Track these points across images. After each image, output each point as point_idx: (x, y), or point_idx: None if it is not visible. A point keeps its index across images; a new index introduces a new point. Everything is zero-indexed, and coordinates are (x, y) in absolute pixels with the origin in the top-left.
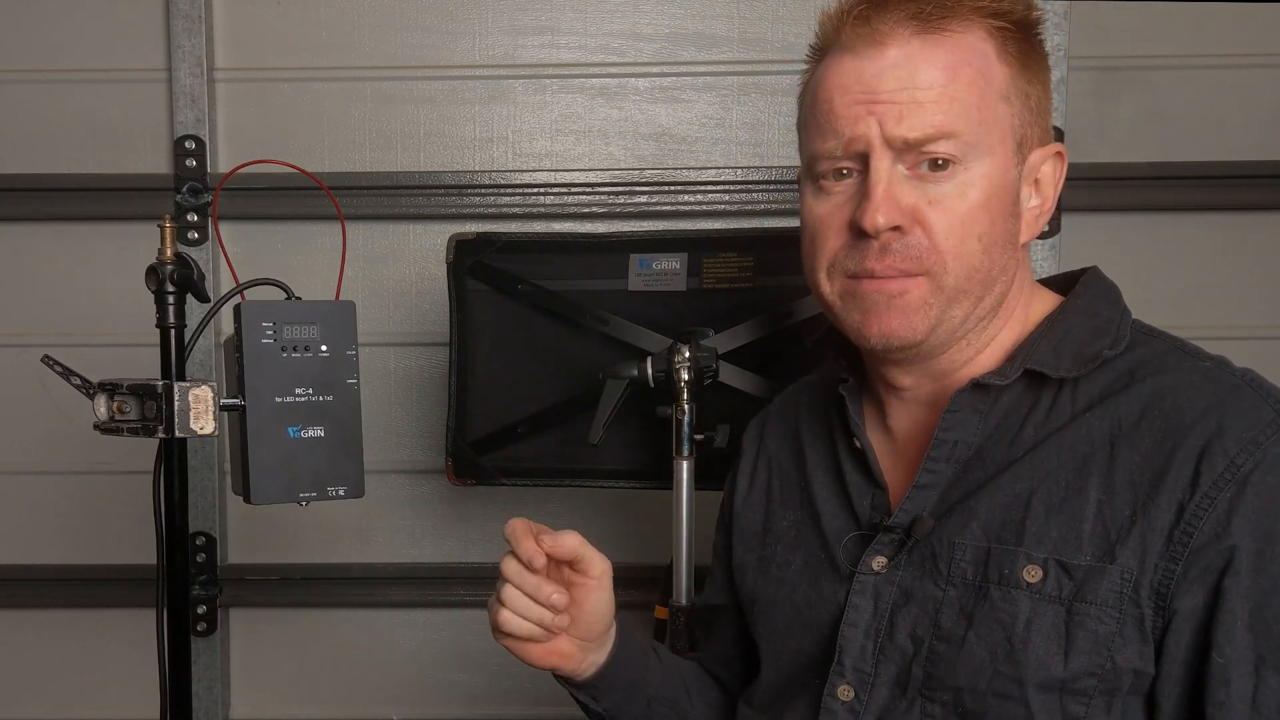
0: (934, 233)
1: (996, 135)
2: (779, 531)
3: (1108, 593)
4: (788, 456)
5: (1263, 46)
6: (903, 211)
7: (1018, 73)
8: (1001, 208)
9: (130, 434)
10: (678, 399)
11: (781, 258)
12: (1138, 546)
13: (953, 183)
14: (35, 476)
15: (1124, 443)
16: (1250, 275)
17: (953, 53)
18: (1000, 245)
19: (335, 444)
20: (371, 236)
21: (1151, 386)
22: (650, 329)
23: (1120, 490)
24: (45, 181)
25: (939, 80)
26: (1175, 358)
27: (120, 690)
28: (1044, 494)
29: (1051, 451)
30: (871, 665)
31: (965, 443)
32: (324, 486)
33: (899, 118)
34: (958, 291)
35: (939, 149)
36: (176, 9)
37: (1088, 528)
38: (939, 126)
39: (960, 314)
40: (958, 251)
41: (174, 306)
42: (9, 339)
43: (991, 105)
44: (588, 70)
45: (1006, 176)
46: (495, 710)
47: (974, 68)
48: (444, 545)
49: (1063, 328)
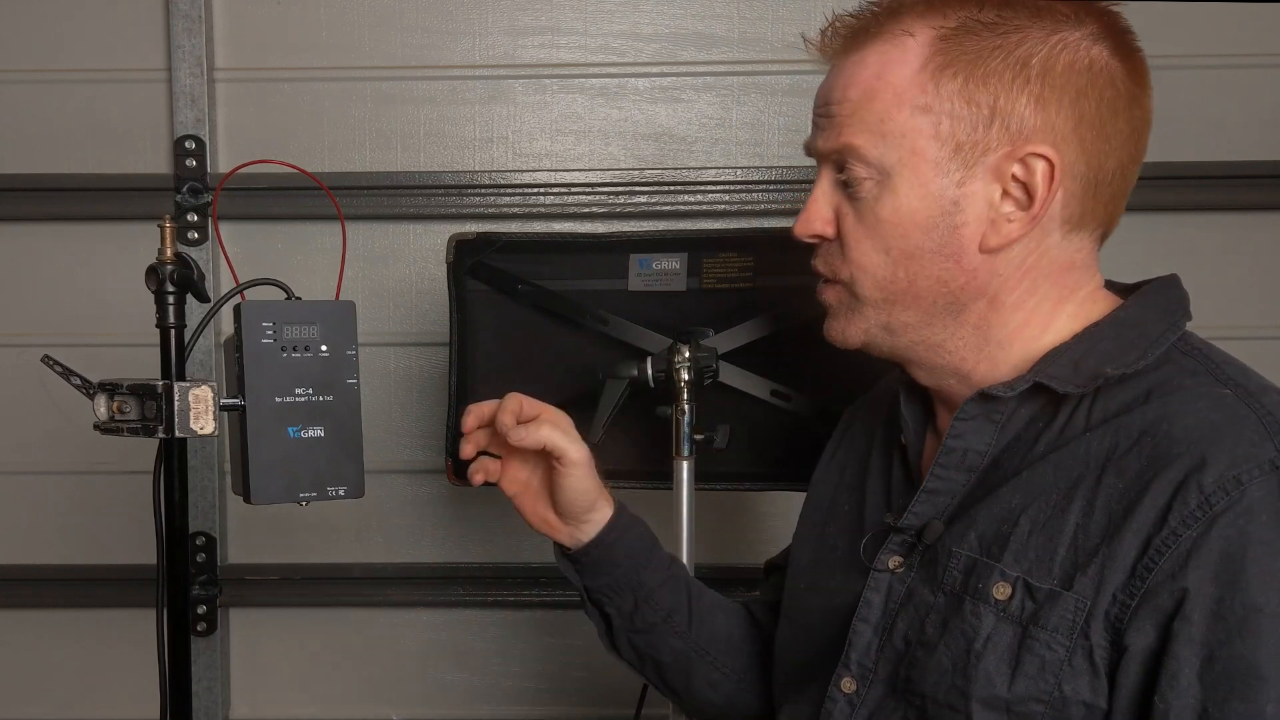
0: (845, 244)
1: (908, 147)
2: (840, 514)
3: (1059, 620)
4: (864, 438)
5: (1263, 46)
6: (825, 221)
7: (963, 79)
8: (924, 219)
9: (130, 434)
10: (678, 399)
11: (781, 258)
12: (1096, 576)
13: (862, 196)
14: (35, 476)
15: (1113, 467)
16: (1250, 275)
17: (870, 67)
18: (930, 256)
19: (335, 444)
20: (371, 236)
21: (1157, 409)
22: (650, 329)
23: (1097, 517)
24: (45, 181)
25: (849, 96)
26: (1196, 380)
27: (120, 690)
28: (1033, 511)
29: (1049, 468)
30: (873, 662)
31: (976, 451)
32: (324, 486)
33: (819, 130)
34: (880, 301)
35: (848, 163)
36: (176, 9)
37: (1061, 552)
38: (841, 140)
39: (908, 322)
40: (862, 263)
41: (174, 306)
42: (9, 339)
43: (901, 117)
44: (588, 70)
45: (929, 188)
46: (495, 710)
47: (886, 81)
48: (444, 545)
49: (1092, 340)
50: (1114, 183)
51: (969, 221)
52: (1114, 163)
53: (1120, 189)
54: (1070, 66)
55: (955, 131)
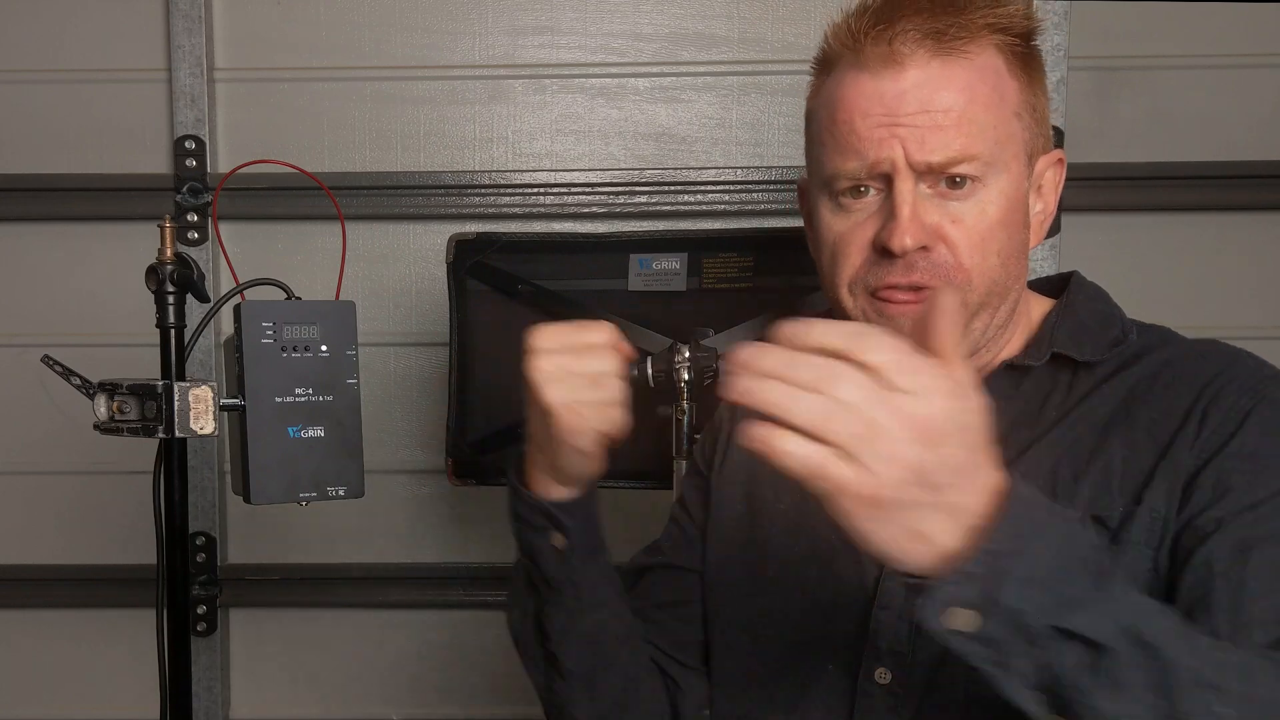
0: (958, 250)
1: (1011, 151)
2: (774, 514)
3: (1138, 534)
4: None
5: (1263, 46)
6: (927, 231)
7: (1025, 86)
8: (1017, 220)
9: (130, 434)
10: (678, 399)
11: (781, 258)
12: (1161, 487)
13: (973, 200)
14: (35, 476)
15: (1139, 403)
16: (1250, 275)
17: (969, 73)
18: (1016, 256)
19: (335, 444)
20: (371, 236)
21: (1159, 358)
22: (650, 329)
23: (1142, 443)
24: (45, 181)
25: (958, 103)
26: (1176, 339)
27: (120, 690)
28: (1069, 462)
29: (1071, 425)
30: (908, 646)
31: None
32: (324, 486)
33: (920, 141)
34: (981, 306)
35: (960, 170)
36: (176, 9)
37: (1116, 481)
38: (960, 149)
39: (981, 326)
40: (980, 267)
41: (174, 306)
42: (9, 339)
43: (1006, 123)
44: (588, 70)
45: (1019, 189)
46: (495, 710)
47: (989, 87)
48: (444, 545)
49: (1072, 320)
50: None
51: (1029, 222)
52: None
53: None
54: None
55: (1026, 138)
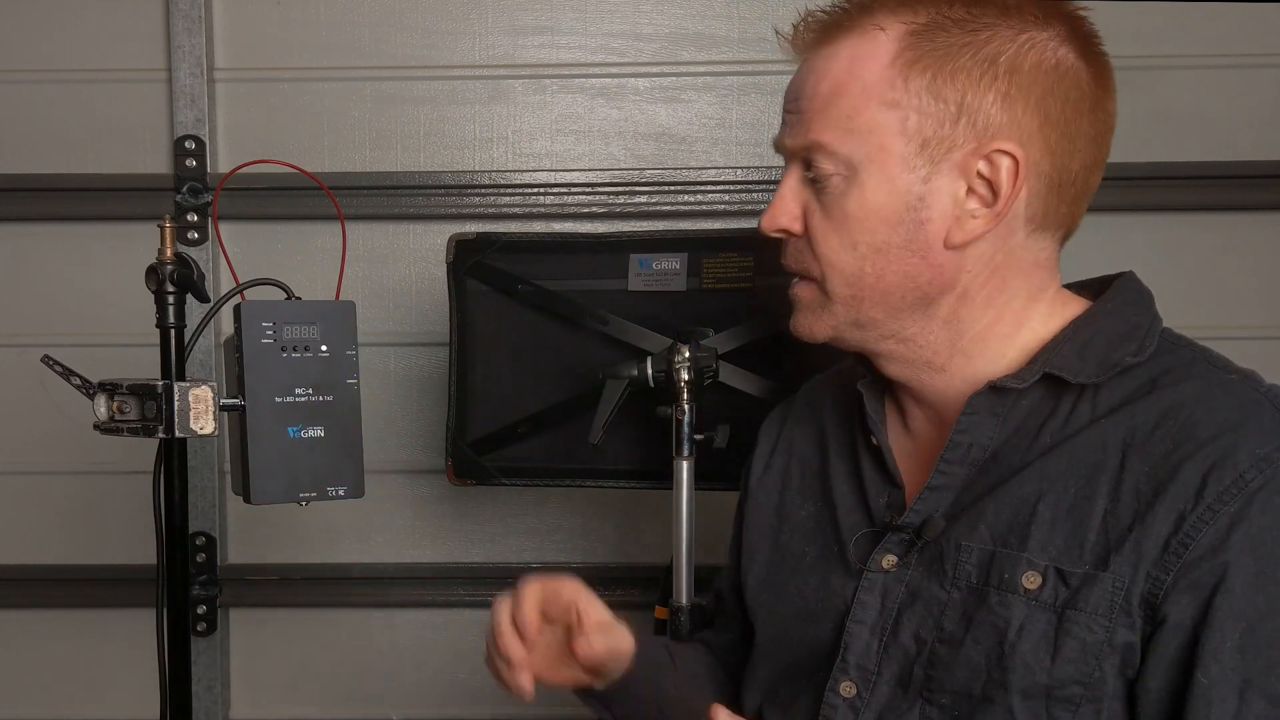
0: (813, 240)
1: (875, 143)
2: (796, 521)
3: (1098, 601)
4: (810, 446)
5: (1263, 46)
6: (792, 217)
7: (931, 75)
8: (891, 214)
9: (130, 434)
10: (678, 399)
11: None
12: (1132, 555)
13: (830, 192)
14: (35, 476)
15: (1135, 451)
16: (1250, 275)
17: (840, 61)
18: (897, 251)
19: (335, 444)
20: (371, 236)
21: (1171, 396)
22: (650, 329)
23: (1125, 499)
24: (45, 181)
25: (818, 91)
26: (1200, 368)
27: (120, 690)
28: (1052, 499)
29: (1064, 457)
30: (875, 663)
31: (980, 445)
32: (324, 486)
33: (787, 127)
34: (849, 298)
35: (815, 159)
36: (176, 9)
37: (1092, 537)
38: (809, 138)
39: (877, 317)
40: (832, 259)
41: (174, 306)
42: (9, 339)
43: (869, 113)
44: (588, 70)
45: (896, 183)
46: (495, 710)
47: (855, 76)
48: (444, 545)
49: (1088, 331)
50: (1077, 184)
51: (934, 218)
52: (1078, 164)
53: (1083, 190)
54: (1037, 66)
55: (922, 127)
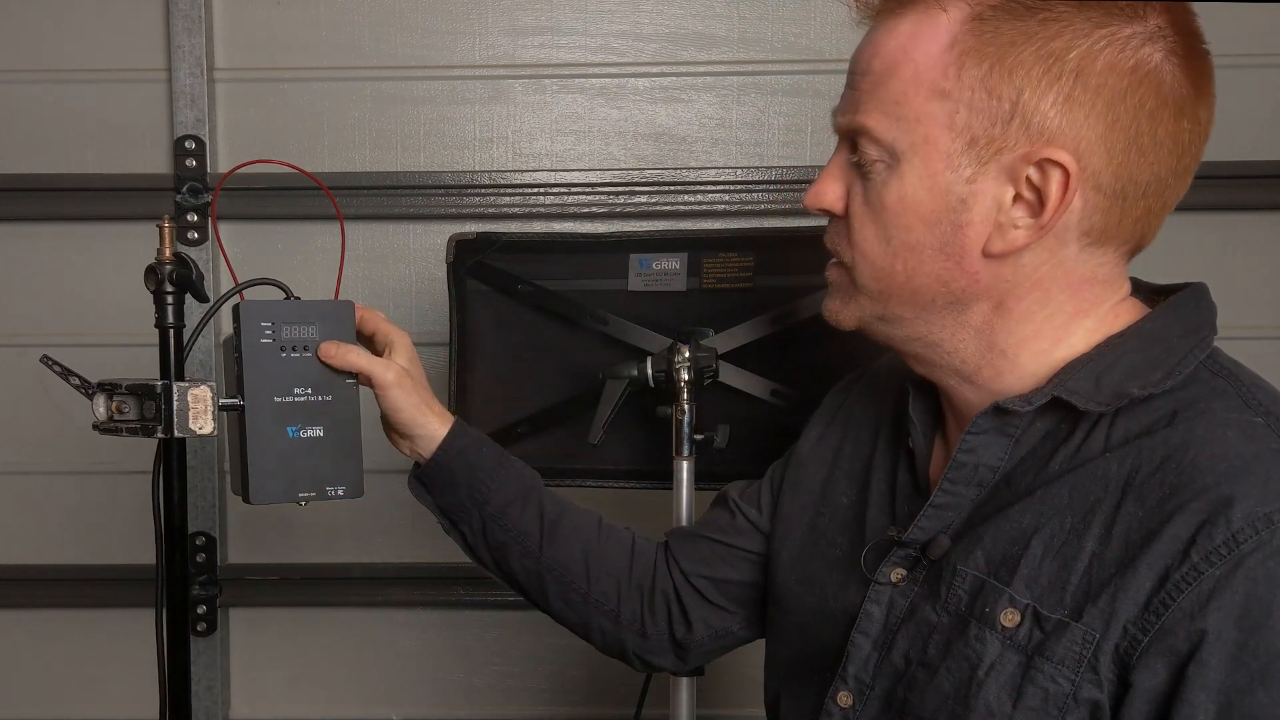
0: (851, 224)
1: (921, 134)
2: (837, 508)
3: (1066, 652)
4: (867, 428)
5: (1263, 46)
6: (836, 196)
7: (988, 66)
8: (929, 213)
9: (129, 434)
10: (678, 399)
11: (781, 258)
12: (1106, 608)
13: (871, 179)
14: (35, 476)
15: (1134, 493)
16: (1250, 275)
17: (898, 39)
18: (931, 252)
19: (334, 444)
20: (371, 236)
21: (1182, 434)
22: (650, 329)
23: (1114, 545)
24: (45, 181)
25: (871, 68)
26: (1224, 403)
27: (120, 690)
28: (1046, 533)
29: (1064, 489)
30: (870, 677)
31: (988, 466)
32: (323, 486)
33: (842, 101)
34: (875, 291)
35: (860, 142)
36: (176, 9)
37: (1075, 580)
38: (856, 119)
39: (904, 316)
40: (865, 249)
41: (173, 306)
42: (8, 339)
43: (918, 101)
44: (588, 70)
45: (937, 180)
46: (495, 710)
47: (909, 57)
48: (444, 545)
49: (1116, 353)
50: (1147, 197)
51: (974, 222)
52: (1148, 175)
53: (1156, 204)
54: (1111, 67)
55: (971, 124)
